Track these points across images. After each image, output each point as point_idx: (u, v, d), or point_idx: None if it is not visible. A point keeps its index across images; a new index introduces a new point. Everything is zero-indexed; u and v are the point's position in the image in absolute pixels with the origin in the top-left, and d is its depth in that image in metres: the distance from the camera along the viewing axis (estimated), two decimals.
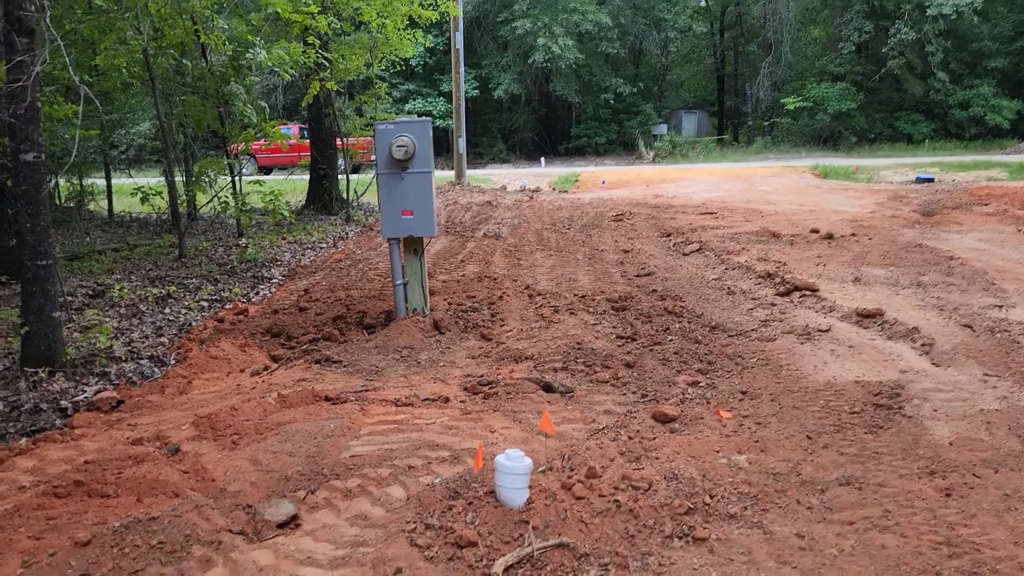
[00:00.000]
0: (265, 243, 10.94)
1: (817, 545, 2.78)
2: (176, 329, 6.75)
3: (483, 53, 32.52)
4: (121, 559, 2.73)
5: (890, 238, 9.57)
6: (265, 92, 25.61)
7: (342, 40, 13.42)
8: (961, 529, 2.87)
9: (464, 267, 8.75)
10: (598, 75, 33.16)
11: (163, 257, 9.89)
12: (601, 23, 30.78)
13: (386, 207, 6.09)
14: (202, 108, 11.02)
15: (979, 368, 4.75)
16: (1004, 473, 3.33)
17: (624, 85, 33.02)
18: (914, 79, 29.89)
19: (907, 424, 3.91)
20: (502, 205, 14.75)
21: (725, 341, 5.53)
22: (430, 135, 6.00)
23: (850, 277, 7.53)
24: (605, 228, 11.42)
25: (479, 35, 32.43)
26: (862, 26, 30.10)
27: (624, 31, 33.43)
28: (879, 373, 4.72)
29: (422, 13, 12.97)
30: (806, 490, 3.23)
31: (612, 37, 32.25)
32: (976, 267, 7.68)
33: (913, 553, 2.71)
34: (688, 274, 8.03)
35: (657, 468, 3.36)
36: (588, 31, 31.25)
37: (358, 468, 3.47)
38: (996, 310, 6.08)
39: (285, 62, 10.15)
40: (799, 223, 10.97)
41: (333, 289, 7.93)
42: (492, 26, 32.14)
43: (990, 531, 2.85)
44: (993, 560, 2.66)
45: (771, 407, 4.22)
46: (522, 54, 30.89)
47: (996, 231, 9.97)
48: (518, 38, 30.37)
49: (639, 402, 4.37)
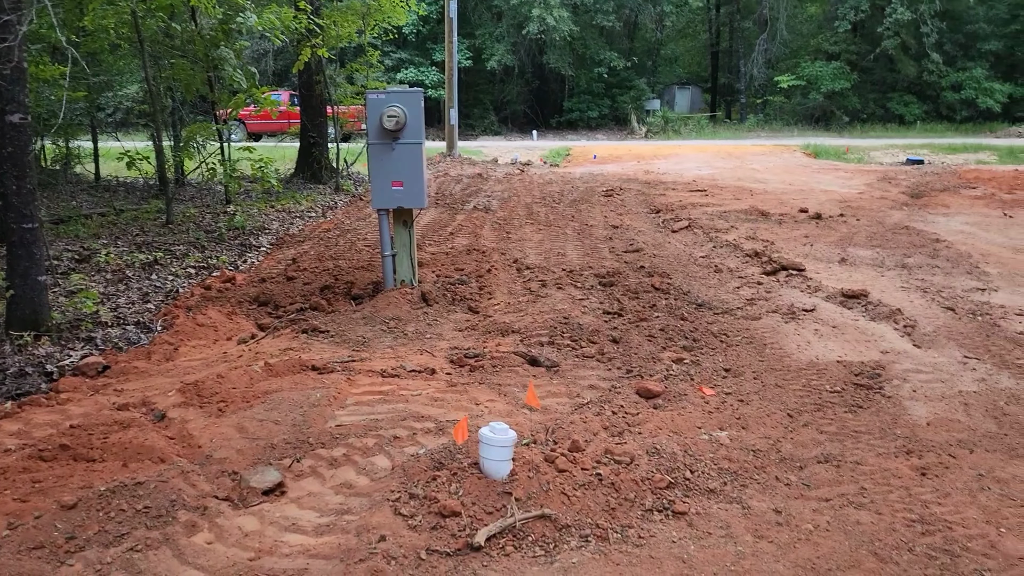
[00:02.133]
0: (253, 211, 10.88)
1: (794, 520, 2.84)
2: (163, 296, 6.73)
3: (477, 23, 32.19)
4: (107, 523, 2.75)
5: (878, 219, 9.62)
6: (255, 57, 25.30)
7: (334, 6, 13.24)
8: (935, 507, 2.93)
9: (453, 239, 8.74)
10: (592, 48, 32.92)
11: (150, 223, 9.82)
12: None
13: (376, 177, 6.07)
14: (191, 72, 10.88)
15: (959, 350, 4.82)
16: (979, 454, 3.39)
17: (618, 59, 32.80)
18: (908, 60, 29.85)
19: (886, 404, 3.97)
20: (493, 178, 14.71)
21: (711, 319, 5.57)
22: (421, 106, 5.97)
23: (836, 257, 7.58)
24: (595, 203, 11.41)
25: (473, 4, 32.07)
26: (859, 4, 29.96)
27: (620, 4, 33.13)
28: (861, 353, 4.78)
29: None
30: (785, 467, 3.29)
31: (607, 10, 31.98)
32: (961, 250, 7.75)
33: (887, 530, 2.77)
34: (676, 251, 8.06)
35: (640, 443, 3.41)
36: (583, 3, 30.97)
37: (344, 437, 3.50)
38: (979, 293, 6.15)
39: (276, 27, 10.03)
40: (788, 202, 11.00)
41: (321, 259, 7.92)
42: None
43: (963, 510, 2.92)
44: (964, 538, 2.72)
45: (754, 385, 4.27)
46: (516, 25, 30.60)
47: (982, 214, 10.04)
48: (512, 8, 30.08)
49: (624, 377, 4.41)
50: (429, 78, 30.48)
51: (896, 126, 29.46)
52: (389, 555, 2.58)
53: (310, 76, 14.00)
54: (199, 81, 10.91)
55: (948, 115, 30.12)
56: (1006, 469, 3.24)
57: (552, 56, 31.53)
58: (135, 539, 2.67)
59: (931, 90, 30.47)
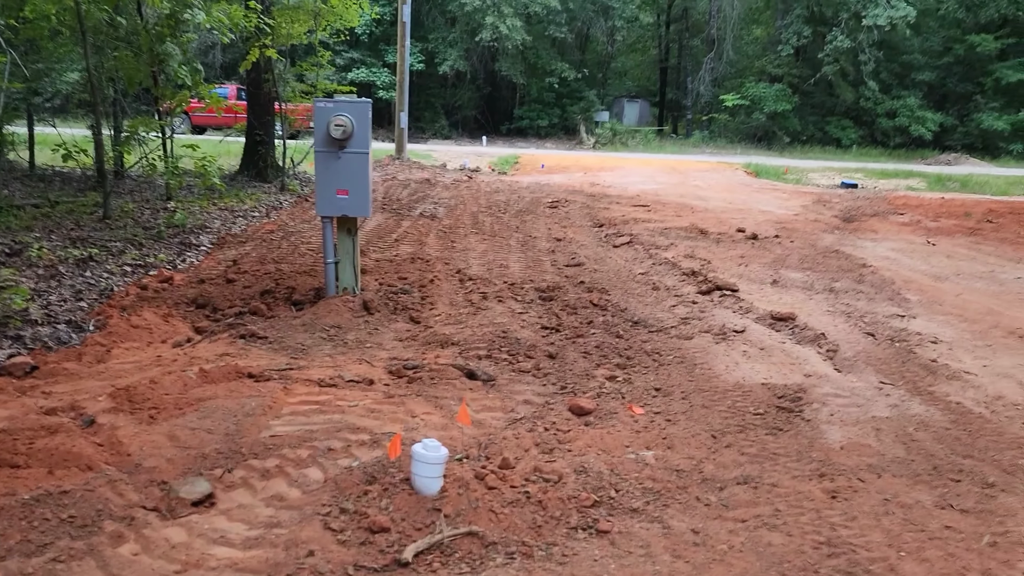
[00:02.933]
0: (195, 208, 10.71)
1: (710, 541, 2.97)
2: (96, 294, 6.61)
3: (430, 27, 32.19)
4: (29, 531, 2.73)
5: (810, 242, 9.97)
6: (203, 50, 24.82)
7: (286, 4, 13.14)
8: (842, 530, 3.10)
9: (398, 247, 8.77)
10: (544, 58, 33.23)
11: (86, 217, 9.59)
12: (550, 6, 30.81)
13: (321, 185, 6.07)
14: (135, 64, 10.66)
15: (876, 376, 5.06)
16: (886, 478, 3.59)
17: (569, 70, 33.19)
18: (846, 86, 30.93)
19: (805, 427, 4.16)
20: (440, 184, 14.75)
21: (645, 337, 5.73)
22: (369, 116, 6.00)
23: (769, 279, 7.84)
24: (540, 215, 11.56)
25: (427, 8, 32.08)
26: (801, 30, 30.94)
27: (572, 16, 33.54)
28: (785, 376, 4.99)
29: None
30: (706, 487, 3.43)
31: (560, 21, 32.33)
32: (885, 276, 8.09)
33: (796, 551, 2.92)
34: (616, 267, 8.23)
35: (568, 461, 3.51)
36: (536, 13, 31.24)
37: (277, 448, 3.52)
38: (898, 319, 6.45)
39: (225, 24, 9.92)
40: (727, 221, 11.31)
41: (263, 261, 7.86)
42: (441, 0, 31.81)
43: (868, 533, 3.09)
44: (867, 560, 2.89)
45: (682, 405, 4.42)
46: (470, 31, 30.71)
47: (907, 241, 10.48)
48: (467, 15, 30.18)
49: (558, 394, 4.52)
50: (380, 79, 30.36)
51: (834, 149, 30.47)
52: (317, 570, 2.63)
53: (258, 73, 13.83)
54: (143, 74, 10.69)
55: (883, 140, 31.31)
56: (910, 494, 3.44)
57: (504, 64, 31.72)
58: (58, 549, 2.66)
59: (867, 116, 31.65)
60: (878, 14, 27.84)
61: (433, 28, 32.26)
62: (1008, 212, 13.52)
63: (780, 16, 33.07)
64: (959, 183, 19.22)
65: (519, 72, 32.30)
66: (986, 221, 12.47)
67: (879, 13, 27.84)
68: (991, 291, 7.69)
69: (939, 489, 3.50)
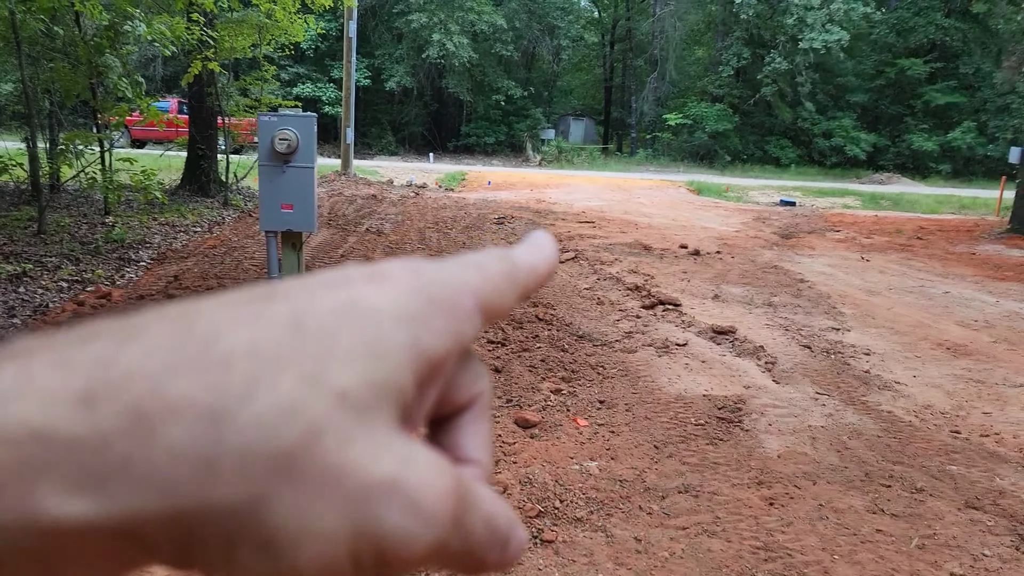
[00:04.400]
0: (134, 223, 10.49)
1: (652, 548, 3.04)
2: (30, 311, 6.42)
3: (377, 43, 32.20)
4: None
5: (750, 258, 10.24)
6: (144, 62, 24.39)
7: (229, 18, 13.01)
8: (779, 535, 3.20)
9: (344, 262, 8.70)
10: (491, 76, 33.50)
11: (19, 231, 9.31)
12: (496, 25, 31.12)
13: (265, 199, 6.03)
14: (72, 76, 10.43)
15: (812, 387, 5.23)
16: (821, 485, 3.71)
17: (515, 88, 33.52)
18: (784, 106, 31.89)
19: (744, 437, 4.27)
20: (387, 200, 14.72)
21: (590, 350, 5.81)
22: (314, 130, 5.99)
23: (711, 294, 8.02)
24: (486, 231, 11.62)
25: (374, 24, 32.09)
26: (740, 52, 31.84)
27: (518, 35, 33.93)
28: (725, 388, 5.11)
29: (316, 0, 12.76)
30: (648, 496, 3.50)
31: (506, 39, 32.67)
32: (822, 291, 8.35)
33: (735, 556, 3.01)
34: (562, 282, 8.33)
35: (514, 472, 3.55)
36: (483, 31, 31.52)
37: None
38: (833, 332, 6.67)
39: (166, 36, 9.78)
40: (670, 237, 11.54)
41: (205, 277, 7.74)
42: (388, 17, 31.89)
43: (803, 538, 3.20)
44: (803, 564, 2.99)
45: (625, 416, 4.50)
46: (416, 48, 30.81)
47: (843, 257, 10.84)
48: (413, 31, 30.28)
49: (504, 407, 4.56)
50: (326, 94, 30.21)
51: (773, 167, 31.34)
52: None
53: (201, 87, 13.65)
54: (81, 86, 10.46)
55: (820, 160, 32.34)
56: (843, 500, 3.56)
57: (451, 80, 31.88)
58: None
59: (805, 136, 32.68)
60: (813, 37, 28.84)
61: (380, 44, 32.28)
62: (937, 230, 14.10)
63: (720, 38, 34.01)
64: (891, 201, 19.95)
65: (466, 89, 32.51)
66: (916, 238, 12.97)
67: (814, 37, 28.84)
68: (920, 305, 8.00)
69: (871, 495, 3.63)
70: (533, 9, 34.48)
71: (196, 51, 11.22)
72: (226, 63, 13.33)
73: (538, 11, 34.76)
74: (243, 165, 15.19)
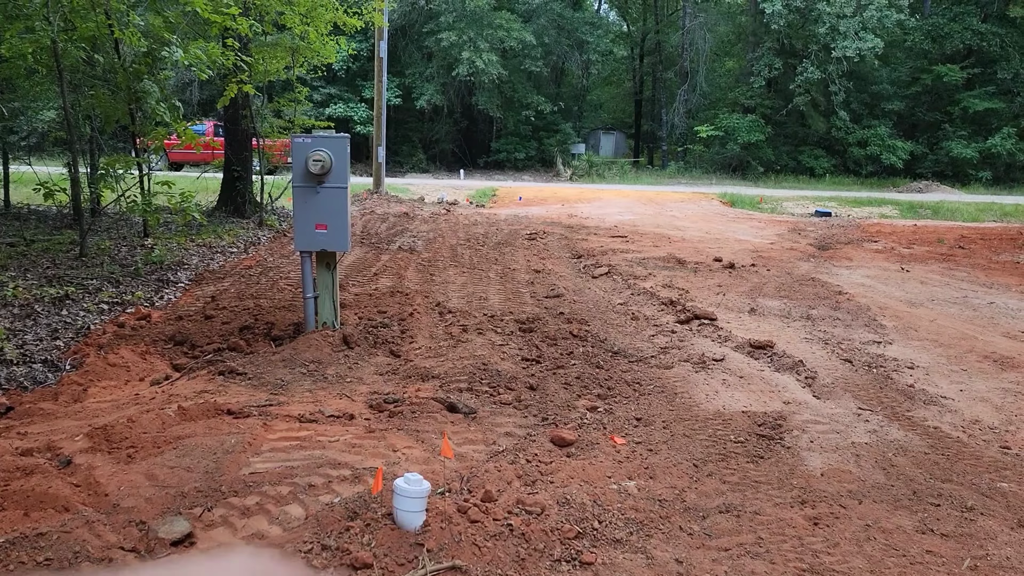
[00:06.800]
0: (172, 244, 10.66)
1: (693, 570, 2.98)
2: (73, 332, 6.54)
3: (407, 62, 32.49)
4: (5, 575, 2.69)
5: (787, 270, 10.09)
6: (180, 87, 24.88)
7: (263, 41, 13.22)
8: (824, 557, 3.12)
9: (377, 280, 8.76)
10: (520, 92, 33.59)
11: (62, 255, 9.52)
12: (525, 41, 31.23)
13: (300, 220, 6.08)
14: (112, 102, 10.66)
15: (855, 402, 5.11)
16: (867, 504, 3.62)
17: (545, 103, 33.56)
18: (818, 116, 31.53)
19: (785, 454, 4.19)
20: (419, 217, 14.80)
21: (625, 367, 5.76)
22: (347, 150, 6.04)
23: (747, 307, 7.92)
24: (518, 247, 11.62)
25: (404, 44, 32.39)
26: (772, 62, 31.54)
27: (547, 50, 34.01)
28: (765, 404, 5.02)
29: (347, 21, 12.92)
30: (689, 516, 3.44)
31: (535, 55, 32.75)
32: (861, 303, 8.20)
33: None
34: (595, 297, 8.28)
35: (551, 492, 3.51)
36: (512, 48, 31.65)
37: (257, 485, 3.48)
38: (875, 346, 6.53)
39: (203, 61, 9.96)
40: (704, 251, 11.43)
41: (242, 297, 7.83)
42: (417, 36, 32.15)
43: (850, 559, 3.11)
44: None
45: (663, 434, 4.44)
46: (446, 66, 31.02)
47: (882, 268, 10.64)
48: (443, 50, 30.50)
49: (539, 425, 4.52)
50: (358, 114, 30.52)
51: (807, 178, 30.96)
52: None
53: (236, 110, 13.88)
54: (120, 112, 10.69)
55: (855, 169, 31.88)
56: (891, 520, 3.46)
57: (481, 97, 32.02)
58: None
59: (839, 145, 32.24)
60: (847, 46, 28.49)
61: (410, 63, 32.56)
62: (979, 238, 13.78)
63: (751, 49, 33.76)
64: (931, 210, 19.58)
65: (496, 106, 32.62)
66: (958, 247, 12.70)
67: (848, 45, 28.49)
68: (965, 316, 7.81)
69: (919, 514, 3.53)
70: (562, 25, 34.57)
71: (231, 75, 11.42)
72: (260, 85, 13.55)
73: (567, 26, 34.83)
74: (278, 186, 15.38)
